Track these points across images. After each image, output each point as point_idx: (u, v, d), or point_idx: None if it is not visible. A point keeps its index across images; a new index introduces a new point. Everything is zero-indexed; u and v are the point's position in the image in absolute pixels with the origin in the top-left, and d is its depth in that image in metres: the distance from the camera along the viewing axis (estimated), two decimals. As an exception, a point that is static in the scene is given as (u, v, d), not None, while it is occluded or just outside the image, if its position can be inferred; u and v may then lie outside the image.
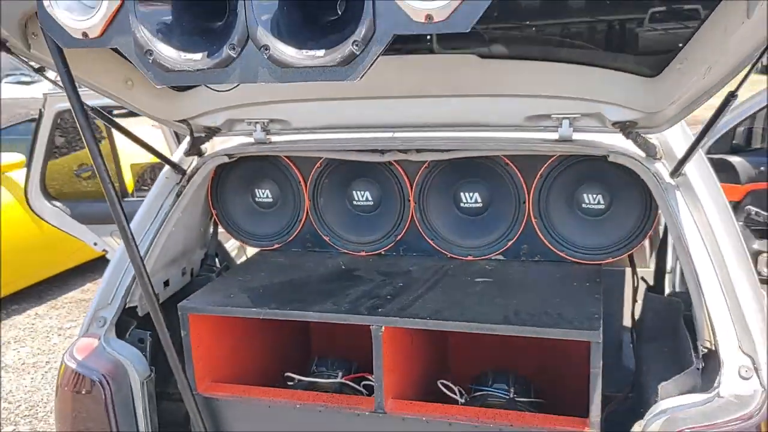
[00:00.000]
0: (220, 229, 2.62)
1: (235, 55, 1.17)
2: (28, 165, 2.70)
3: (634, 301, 2.36)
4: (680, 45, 1.67)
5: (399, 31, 1.10)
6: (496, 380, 2.14)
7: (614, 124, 1.91)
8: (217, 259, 2.66)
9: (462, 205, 2.31)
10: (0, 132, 5.40)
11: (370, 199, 2.39)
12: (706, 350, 1.77)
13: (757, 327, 1.69)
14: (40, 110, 2.81)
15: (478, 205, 2.29)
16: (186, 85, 2.00)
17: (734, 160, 4.33)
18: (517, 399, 2.09)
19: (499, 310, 1.90)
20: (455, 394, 2.09)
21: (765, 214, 4.33)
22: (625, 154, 1.93)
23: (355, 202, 2.41)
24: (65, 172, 4.80)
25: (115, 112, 3.12)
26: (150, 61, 1.21)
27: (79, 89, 1.58)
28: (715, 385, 1.67)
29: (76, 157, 4.69)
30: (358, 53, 1.12)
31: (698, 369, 1.75)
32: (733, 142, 4.47)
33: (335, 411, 1.96)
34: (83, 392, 2.02)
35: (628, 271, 2.44)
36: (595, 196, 2.18)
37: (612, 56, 1.87)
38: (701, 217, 1.84)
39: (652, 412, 1.66)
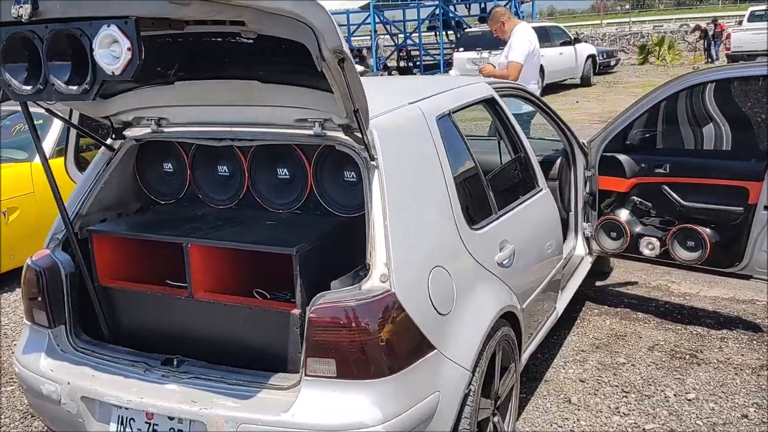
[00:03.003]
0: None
1: (42, 88, 2.39)
2: (65, 147, 3.98)
3: None
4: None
5: (104, 78, 2.27)
6: (283, 289, 3.21)
7: (339, 125, 2.96)
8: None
9: (278, 176, 3.38)
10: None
11: (227, 171, 3.50)
12: (369, 265, 2.79)
13: (393, 253, 2.69)
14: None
15: (286, 176, 3.35)
16: (30, 101, 2.85)
17: (621, 157, 5.12)
18: (290, 300, 3.20)
19: (259, 238, 3.02)
20: (265, 297, 3.22)
21: (647, 203, 5.12)
22: (345, 145, 2.88)
23: (218, 173, 3.53)
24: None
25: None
26: (10, 88, 2.46)
27: None
28: (362, 283, 2.70)
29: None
30: (88, 89, 2.31)
31: (360, 275, 2.76)
32: (626, 142, 5.24)
33: (168, 296, 3.15)
34: (32, 279, 3.22)
35: None
36: (350, 172, 3.19)
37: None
38: (382, 185, 2.81)
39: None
